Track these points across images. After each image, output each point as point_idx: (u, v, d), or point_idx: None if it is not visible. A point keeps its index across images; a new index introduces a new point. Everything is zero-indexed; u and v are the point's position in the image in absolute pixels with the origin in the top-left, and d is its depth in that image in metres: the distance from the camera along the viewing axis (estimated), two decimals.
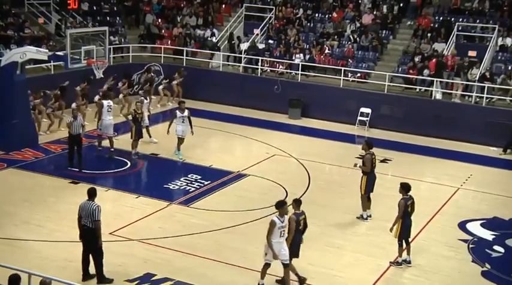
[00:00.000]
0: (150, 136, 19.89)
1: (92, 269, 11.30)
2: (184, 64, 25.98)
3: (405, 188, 12.46)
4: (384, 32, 26.82)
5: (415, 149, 21.00)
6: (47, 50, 20.57)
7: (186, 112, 18.35)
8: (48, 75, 22.56)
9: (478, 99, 22.55)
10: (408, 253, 12.70)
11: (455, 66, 23.45)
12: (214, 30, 28.23)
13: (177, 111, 18.42)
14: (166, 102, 24.77)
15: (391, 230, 12.42)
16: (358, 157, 17.97)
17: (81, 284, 10.20)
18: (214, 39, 27.54)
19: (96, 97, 22.02)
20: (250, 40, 26.99)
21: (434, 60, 23.44)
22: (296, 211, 11.41)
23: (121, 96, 23.06)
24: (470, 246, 13.77)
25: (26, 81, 19.01)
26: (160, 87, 24.80)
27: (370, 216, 14.82)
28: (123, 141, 19.22)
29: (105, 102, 18.54)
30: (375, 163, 14.66)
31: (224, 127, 22.29)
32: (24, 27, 24.86)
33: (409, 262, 12.65)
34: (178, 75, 25.03)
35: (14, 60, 18.23)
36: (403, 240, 12.53)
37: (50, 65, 22.60)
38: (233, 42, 27.12)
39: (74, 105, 19.99)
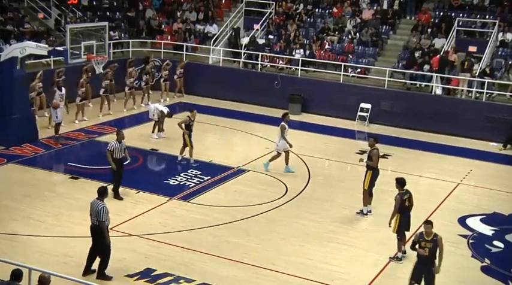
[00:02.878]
0: (159, 131, 19.97)
1: (95, 265, 11.30)
2: (184, 60, 25.92)
3: (400, 183, 12.52)
4: (384, 27, 26.78)
5: (415, 144, 21.00)
6: (47, 45, 20.54)
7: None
8: (48, 70, 22.51)
9: (478, 95, 22.54)
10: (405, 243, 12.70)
11: (457, 63, 23.36)
12: (214, 25, 28.15)
13: (285, 124, 17.09)
14: (166, 97, 24.76)
15: (389, 224, 12.45)
16: (359, 153, 18.02)
17: (81, 279, 10.20)
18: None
19: (102, 91, 22.05)
20: (250, 35, 26.96)
21: (437, 56, 23.39)
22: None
23: (127, 88, 23.03)
24: (470, 241, 13.79)
25: (25, 76, 19.00)
26: (162, 81, 24.80)
27: (370, 211, 14.83)
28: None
29: (58, 91, 19.36)
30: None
31: (224, 123, 22.28)
32: (24, 22, 24.82)
33: (405, 252, 12.61)
34: (179, 66, 25.09)
35: (13, 55, 18.20)
36: (402, 235, 12.57)
37: (50, 60, 22.58)
38: (239, 38, 27.06)
39: None
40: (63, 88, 19.63)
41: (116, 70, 23.03)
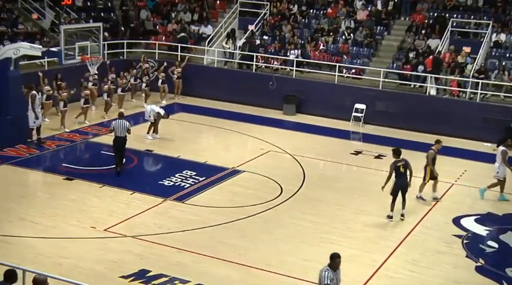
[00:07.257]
0: (154, 132, 19.94)
1: None
2: (178, 60, 25.88)
3: (396, 152, 14.39)
4: (379, 28, 26.83)
5: (410, 145, 20.94)
6: (41, 46, 20.49)
7: None
8: (42, 71, 22.43)
9: (472, 95, 22.61)
10: (403, 207, 14.44)
11: (451, 64, 23.43)
12: (209, 26, 28.13)
13: (506, 149, 16.53)
14: (162, 99, 24.67)
15: (382, 188, 14.22)
16: (354, 153, 17.91)
17: (75, 280, 10.14)
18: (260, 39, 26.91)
19: (84, 92, 21.85)
20: (245, 36, 26.96)
21: (431, 57, 23.45)
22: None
23: (119, 90, 22.93)
24: (465, 241, 13.82)
25: (20, 77, 18.94)
26: (159, 83, 24.72)
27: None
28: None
29: (37, 95, 18.89)
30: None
31: (219, 123, 22.27)
32: (18, 23, 24.74)
33: (403, 215, 14.45)
34: (176, 66, 25.03)
35: (7, 56, 18.16)
36: (396, 197, 14.26)
37: (44, 61, 22.50)
38: (234, 39, 27.05)
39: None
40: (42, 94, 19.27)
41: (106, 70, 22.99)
